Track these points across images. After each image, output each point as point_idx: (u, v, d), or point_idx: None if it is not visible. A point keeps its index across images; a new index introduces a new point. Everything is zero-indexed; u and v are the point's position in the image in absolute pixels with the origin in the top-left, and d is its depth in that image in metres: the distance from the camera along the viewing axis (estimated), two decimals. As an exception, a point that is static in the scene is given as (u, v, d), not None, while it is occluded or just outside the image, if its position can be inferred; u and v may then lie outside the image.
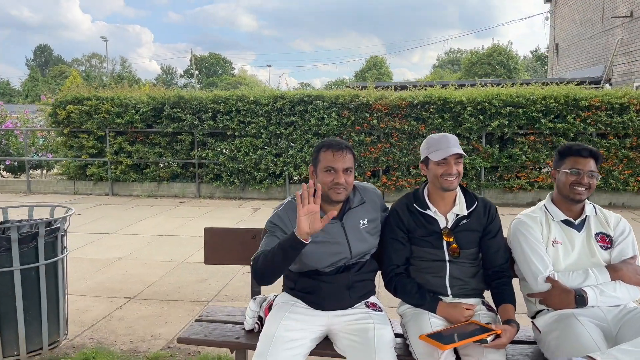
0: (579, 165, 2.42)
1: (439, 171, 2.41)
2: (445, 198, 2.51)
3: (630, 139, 8.55)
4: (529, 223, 2.51)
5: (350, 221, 2.46)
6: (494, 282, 2.49)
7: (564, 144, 2.57)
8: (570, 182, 2.43)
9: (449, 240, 2.49)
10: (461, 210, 2.50)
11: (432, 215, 2.50)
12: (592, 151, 2.45)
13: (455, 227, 2.48)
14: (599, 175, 2.47)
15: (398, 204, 2.60)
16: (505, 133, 8.85)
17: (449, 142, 2.43)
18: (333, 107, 9.41)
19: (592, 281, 2.31)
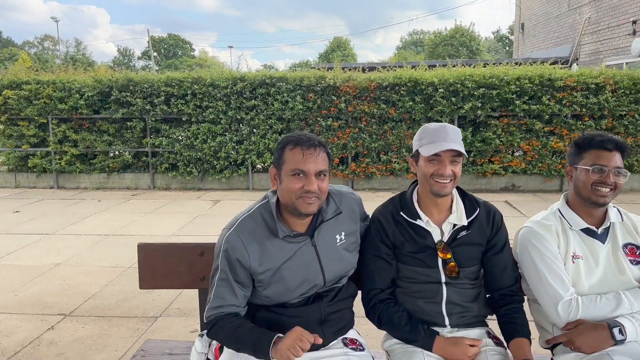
0: (603, 160, 1.94)
1: (429, 170, 1.91)
2: (440, 204, 1.99)
3: (605, 120, 8.29)
4: (543, 234, 2.02)
5: (323, 238, 1.93)
6: (502, 308, 2.01)
7: (583, 135, 2.06)
8: (592, 181, 1.95)
9: (445, 257, 1.98)
10: (459, 220, 1.99)
11: (423, 227, 1.98)
12: (618, 143, 1.96)
13: (452, 241, 1.98)
14: (627, 173, 1.98)
15: (381, 211, 2.06)
16: (478, 116, 8.44)
17: (447, 134, 1.90)
18: (297, 90, 8.78)
19: (626, 308, 1.84)
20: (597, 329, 1.79)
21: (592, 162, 1.96)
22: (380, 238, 2.01)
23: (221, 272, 1.83)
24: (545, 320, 2.02)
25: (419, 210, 2.00)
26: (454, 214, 1.99)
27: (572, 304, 1.87)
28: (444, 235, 1.99)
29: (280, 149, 1.85)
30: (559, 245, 2.01)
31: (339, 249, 1.95)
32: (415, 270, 2.00)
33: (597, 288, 1.96)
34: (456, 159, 1.91)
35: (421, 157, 1.93)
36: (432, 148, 1.88)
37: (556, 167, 8.42)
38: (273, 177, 1.90)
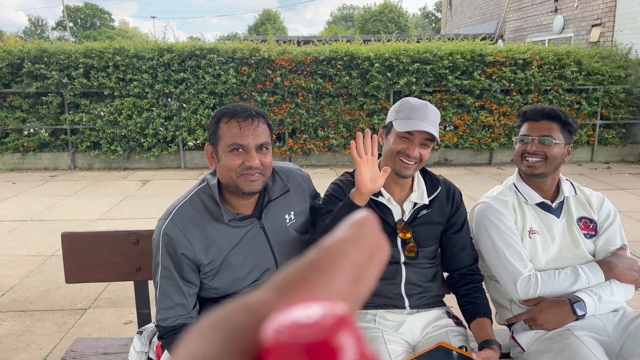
0: (529, 130, 1.94)
1: (398, 147, 1.80)
2: (402, 182, 1.90)
3: (532, 95, 8.61)
4: (500, 209, 1.98)
5: (272, 218, 1.79)
6: (462, 288, 1.96)
7: (521, 109, 2.07)
8: (520, 152, 1.96)
9: (405, 237, 1.89)
10: (421, 198, 1.91)
11: (385, 204, 1.88)
12: (548, 112, 1.93)
13: (412, 220, 1.90)
14: (553, 140, 1.91)
15: (342, 181, 1.95)
16: (413, 91, 8.49)
17: (426, 114, 1.78)
18: (230, 63, 8.40)
19: (584, 282, 1.83)
20: (559, 305, 1.76)
21: (521, 133, 1.96)
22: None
23: (163, 269, 1.63)
24: (503, 297, 1.99)
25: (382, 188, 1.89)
26: (415, 192, 1.90)
27: (531, 280, 1.84)
28: (404, 214, 1.89)
29: (215, 124, 1.66)
30: (516, 220, 1.97)
31: (289, 230, 1.81)
32: None
33: (554, 263, 1.94)
34: (428, 142, 1.80)
35: (393, 131, 1.81)
36: (407, 124, 1.76)
37: (486, 141, 8.68)
38: (210, 156, 1.70)
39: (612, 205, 2.05)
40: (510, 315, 1.95)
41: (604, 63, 8.60)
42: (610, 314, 1.81)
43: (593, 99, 8.69)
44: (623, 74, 8.61)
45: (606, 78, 8.59)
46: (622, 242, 1.96)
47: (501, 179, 7.57)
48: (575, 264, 1.93)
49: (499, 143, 8.69)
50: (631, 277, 1.83)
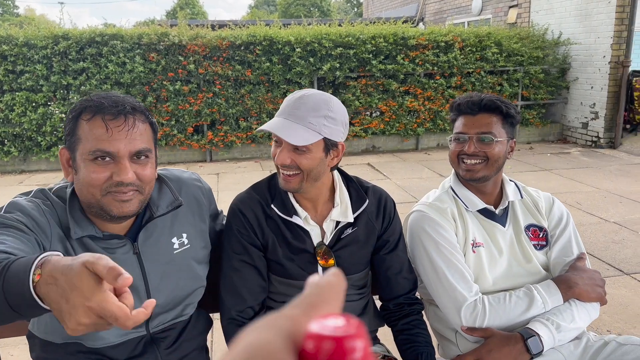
0: (465, 126, 1.61)
1: (273, 153, 1.44)
2: (318, 195, 1.50)
3: (455, 78, 8.53)
4: (438, 219, 1.64)
5: (152, 242, 1.34)
6: (400, 322, 1.61)
7: (455, 99, 1.70)
8: (456, 153, 1.63)
9: (327, 264, 1.49)
10: (344, 215, 1.51)
11: (301, 225, 1.48)
12: (486, 104, 1.59)
13: (335, 242, 1.50)
14: (494, 137, 1.58)
15: (244, 200, 1.51)
16: (337, 77, 8.14)
17: (296, 110, 1.37)
18: (136, 49, 7.62)
19: (539, 308, 1.52)
20: (509, 343, 1.44)
21: (455, 130, 1.63)
22: (248, 236, 1.46)
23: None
24: (446, 326, 1.64)
25: (294, 203, 1.48)
26: (337, 207, 1.50)
27: (477, 307, 1.50)
28: (325, 236, 1.49)
29: (73, 120, 1.19)
30: (457, 231, 1.63)
31: (177, 259, 1.35)
32: (289, 284, 1.50)
33: (503, 281, 1.62)
34: (299, 146, 1.37)
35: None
36: (268, 124, 1.38)
37: (412, 127, 8.52)
38: (65, 163, 1.23)
39: (563, 206, 1.76)
40: (456, 349, 1.61)
41: (523, 44, 8.66)
42: (571, 345, 1.52)
43: (514, 80, 8.76)
44: (541, 55, 8.73)
45: (525, 59, 8.66)
46: (579, 250, 1.68)
47: (429, 164, 7.46)
48: (528, 282, 1.62)
49: (424, 128, 8.56)
50: (595, 294, 1.54)
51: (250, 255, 1.46)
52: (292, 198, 1.48)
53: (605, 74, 8.06)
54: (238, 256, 1.46)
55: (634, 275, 3.51)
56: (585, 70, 8.50)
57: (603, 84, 8.12)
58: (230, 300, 1.47)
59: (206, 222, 1.46)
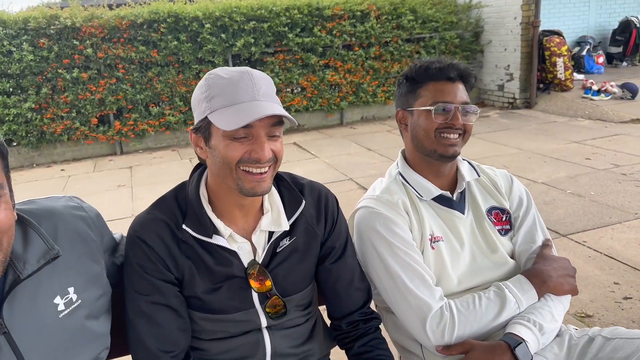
0: (446, 95, 1.38)
1: (234, 154, 1.09)
2: (248, 202, 1.19)
3: (373, 49, 8.35)
4: (389, 215, 1.39)
5: (23, 315, 0.99)
6: (356, 344, 1.36)
7: (414, 64, 1.44)
8: (436, 126, 1.37)
9: (263, 287, 1.20)
10: (277, 223, 1.21)
11: (224, 246, 1.16)
12: (462, 70, 1.40)
13: (271, 258, 1.21)
14: (477, 109, 1.43)
15: (147, 225, 1.17)
16: (253, 53, 7.69)
17: (256, 87, 1.09)
18: (23, 36, 6.73)
19: (513, 309, 1.30)
20: (496, 355, 1.20)
21: (433, 99, 1.37)
22: (155, 271, 1.13)
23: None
24: (408, 337, 1.39)
25: (214, 219, 1.15)
26: (267, 215, 1.20)
27: (444, 316, 1.26)
28: (257, 252, 1.19)
29: None
30: (412, 227, 1.38)
31: (65, 324, 1.01)
32: (218, 320, 1.17)
33: (469, 279, 1.40)
34: (276, 129, 1.09)
35: (215, 131, 1.09)
36: (236, 115, 1.04)
37: (335, 102, 8.29)
38: None
39: (521, 185, 1.56)
40: (426, 366, 1.36)
41: (437, 9, 8.62)
42: (555, 346, 1.31)
43: (430, 47, 8.73)
44: (455, 19, 8.74)
45: (440, 25, 8.64)
46: (544, 235, 1.48)
47: (356, 139, 7.27)
48: (495, 276, 1.40)
49: (348, 102, 8.35)
50: (568, 286, 1.34)
51: (162, 294, 1.13)
52: (211, 212, 1.15)
53: (517, 35, 8.21)
54: (145, 297, 1.12)
55: (571, 236, 3.49)
56: (498, 33, 8.62)
57: (516, 45, 8.27)
58: (142, 356, 1.13)
59: (100, 262, 1.11)
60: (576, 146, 5.90)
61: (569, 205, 4.08)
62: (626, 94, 7.66)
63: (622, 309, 2.56)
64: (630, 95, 7.62)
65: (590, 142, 6.04)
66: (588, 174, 4.81)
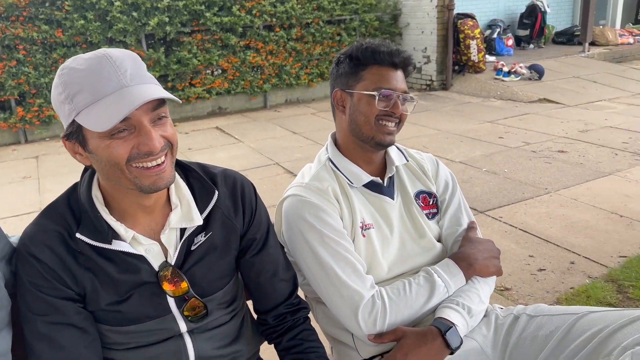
0: (390, 82, 1.35)
1: (120, 152, 0.97)
2: (151, 200, 1.09)
3: (295, 30, 8.24)
4: (319, 203, 1.36)
5: None
6: (284, 338, 1.29)
7: (359, 44, 1.39)
8: (377, 112, 1.34)
9: (178, 290, 1.10)
10: (188, 218, 1.12)
11: (128, 251, 1.06)
12: (406, 57, 1.38)
13: (185, 258, 1.11)
14: (414, 99, 1.43)
15: (36, 236, 1.03)
16: (168, 33, 7.32)
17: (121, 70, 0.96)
18: None
19: (442, 293, 1.32)
20: (427, 341, 1.21)
21: (377, 84, 1.32)
22: (51, 289, 1.01)
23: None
24: (341, 328, 1.37)
25: (111, 222, 1.04)
26: (176, 210, 1.10)
27: (376, 305, 1.25)
28: (169, 254, 1.09)
29: None
30: (342, 215, 1.36)
31: None
32: (128, 332, 1.08)
33: (398, 265, 1.40)
34: (160, 111, 0.98)
35: (88, 133, 0.96)
36: (105, 112, 0.91)
37: (258, 84, 8.12)
38: None
39: (447, 168, 1.58)
40: (355, 354, 1.35)
41: (356, -9, 8.66)
42: (483, 327, 1.35)
43: (351, 29, 8.77)
44: (374, 2, 8.82)
45: (360, 7, 8.69)
46: (469, 217, 1.51)
47: (280, 122, 7.18)
48: (424, 261, 1.42)
49: (271, 84, 8.22)
50: (494, 268, 1.38)
51: (62, 313, 1.01)
52: (108, 215, 1.03)
53: (433, 18, 8.43)
54: (43, 318, 1.00)
55: (488, 212, 3.67)
56: (416, 16, 8.81)
57: (432, 28, 8.50)
58: None
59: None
60: (490, 126, 6.19)
61: (485, 182, 4.28)
62: (534, 75, 8.14)
63: (537, 280, 2.72)
64: (537, 76, 8.11)
65: (502, 121, 6.37)
66: (501, 152, 5.07)
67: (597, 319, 1.19)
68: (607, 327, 1.14)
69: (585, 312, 1.23)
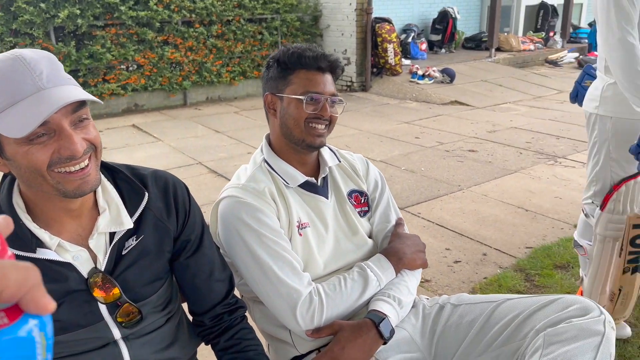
0: (317, 85, 1.39)
1: (40, 159, 0.95)
2: (77, 203, 1.06)
3: (215, 27, 8.11)
4: (257, 204, 1.38)
5: None
6: (221, 339, 1.30)
7: (286, 49, 1.43)
8: (306, 116, 1.38)
9: (110, 296, 1.08)
10: (117, 222, 1.10)
11: (53, 259, 1.03)
12: (332, 61, 1.44)
13: (117, 262, 1.10)
14: (343, 101, 1.49)
15: None
16: (79, 26, 6.92)
17: (36, 75, 0.94)
18: None
19: (374, 286, 1.40)
20: (362, 333, 1.28)
21: (304, 88, 1.37)
22: None
23: None
24: (278, 325, 1.41)
25: (35, 230, 1.01)
26: (104, 214, 1.08)
27: (313, 301, 1.30)
28: (97, 259, 1.07)
29: None
30: (279, 215, 1.39)
31: None
32: (59, 342, 1.05)
33: (333, 262, 1.46)
34: (81, 112, 0.96)
35: (4, 140, 0.92)
36: (22, 117, 0.88)
37: (177, 81, 7.91)
38: None
39: (376, 168, 1.67)
40: (293, 350, 1.40)
41: (278, -10, 8.68)
42: (412, 317, 1.44)
43: (273, 28, 8.78)
44: (295, 2, 8.88)
45: (281, 6, 8.72)
46: (397, 214, 1.60)
47: (202, 121, 7.04)
48: (357, 257, 1.48)
49: (191, 81, 8.03)
50: (420, 261, 1.48)
51: None
52: (31, 223, 1.00)
53: (352, 21, 8.65)
54: None
55: (408, 208, 3.85)
56: (336, 18, 8.99)
57: (352, 30, 8.72)
58: None
59: None
60: (407, 126, 6.48)
61: (404, 180, 4.49)
62: (446, 78, 8.61)
63: (454, 271, 2.91)
64: (449, 79, 8.59)
65: (418, 122, 6.68)
66: (418, 152, 5.33)
67: (513, 305, 1.32)
68: (522, 313, 1.27)
69: (503, 299, 1.36)
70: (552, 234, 3.32)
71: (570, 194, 4.01)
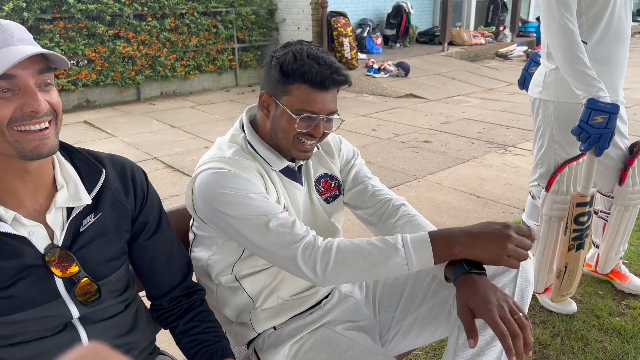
0: (315, 104, 1.29)
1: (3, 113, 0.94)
2: (32, 176, 1.04)
3: (168, 20, 7.95)
4: (246, 175, 1.30)
5: None
6: (180, 322, 1.29)
7: (293, 54, 1.30)
8: (296, 132, 1.31)
9: (67, 272, 1.06)
10: (76, 197, 1.09)
11: (10, 233, 1.00)
12: (341, 79, 1.31)
13: (74, 239, 1.08)
14: (338, 118, 1.38)
15: None
16: (25, 19, 6.65)
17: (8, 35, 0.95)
18: None
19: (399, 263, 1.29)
20: None
21: (301, 105, 1.29)
22: None
23: None
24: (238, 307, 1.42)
25: None
26: (62, 190, 1.07)
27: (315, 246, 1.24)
28: (56, 235, 1.06)
29: None
30: (268, 192, 1.34)
31: None
32: (13, 322, 1.02)
33: None
34: (46, 76, 0.97)
35: None
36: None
37: (130, 75, 7.72)
38: None
39: (350, 145, 1.62)
40: (252, 332, 1.41)
41: (232, -16, 8.60)
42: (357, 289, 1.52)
43: (228, 22, 8.68)
44: (250, -4, 8.83)
45: (236, 0, 8.64)
46: None
47: (156, 116, 6.90)
48: None
49: (144, 76, 7.86)
50: None
51: None
52: None
53: (308, 14, 8.67)
54: None
55: (366, 199, 3.91)
56: (291, 12, 8.98)
57: (307, 24, 8.74)
58: None
59: None
60: (364, 119, 6.56)
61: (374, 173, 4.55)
62: (401, 72, 8.76)
63: (410, 257, 2.99)
64: (404, 73, 8.74)
65: (374, 115, 6.78)
66: (375, 143, 5.42)
67: None
68: None
69: None
70: (502, 219, 3.46)
71: (520, 180, 4.18)
